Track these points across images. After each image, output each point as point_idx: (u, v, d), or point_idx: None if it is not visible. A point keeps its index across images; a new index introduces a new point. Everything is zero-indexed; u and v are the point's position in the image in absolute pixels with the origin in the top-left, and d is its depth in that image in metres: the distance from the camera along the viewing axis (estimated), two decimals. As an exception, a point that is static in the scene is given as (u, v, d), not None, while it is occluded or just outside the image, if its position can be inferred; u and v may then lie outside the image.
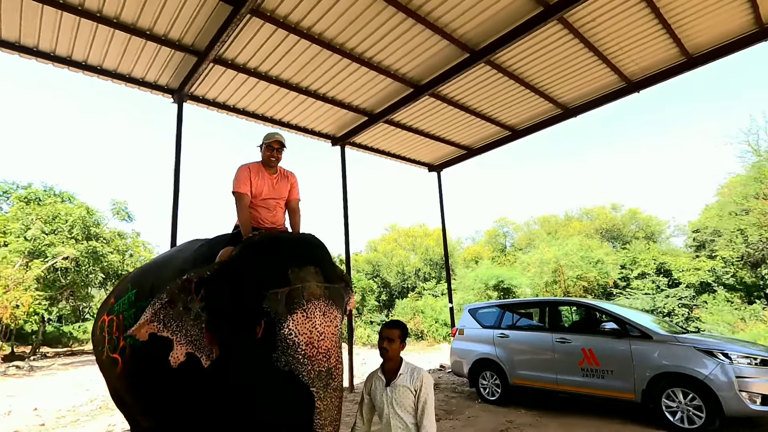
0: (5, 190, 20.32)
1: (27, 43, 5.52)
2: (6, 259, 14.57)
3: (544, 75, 7.17)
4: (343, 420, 2.13)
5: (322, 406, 1.84)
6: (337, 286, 2.16)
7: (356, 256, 32.18)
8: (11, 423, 7.24)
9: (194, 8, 5.19)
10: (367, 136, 8.97)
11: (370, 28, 5.76)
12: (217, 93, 7.02)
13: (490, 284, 16.89)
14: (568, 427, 5.00)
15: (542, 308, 6.41)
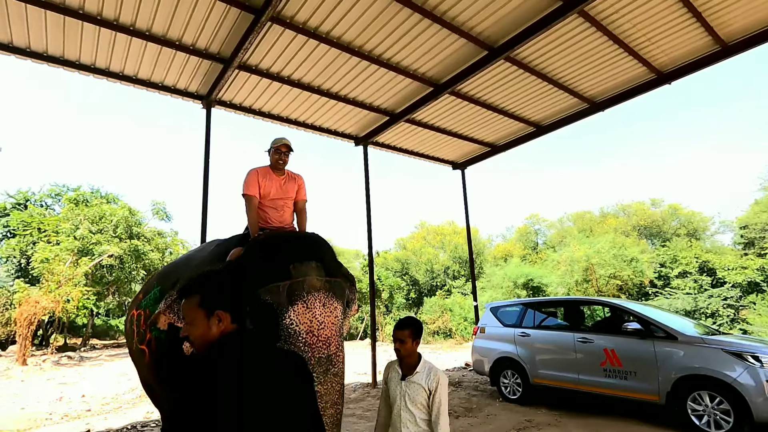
0: (57, 192, 21.84)
1: (70, 57, 5.96)
2: (58, 257, 15.67)
3: (567, 70, 7.02)
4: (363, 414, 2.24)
5: (323, 390, 1.96)
6: (338, 279, 2.28)
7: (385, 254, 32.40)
8: (62, 408, 7.86)
9: (218, 18, 5.44)
10: (390, 135, 9.06)
11: (387, 29, 5.84)
12: (243, 98, 7.30)
13: (518, 282, 16.62)
14: (590, 428, 4.92)
15: (564, 307, 6.31)
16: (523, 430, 4.98)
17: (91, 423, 6.53)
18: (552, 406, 5.90)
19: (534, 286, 16.57)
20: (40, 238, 17.34)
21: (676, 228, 23.44)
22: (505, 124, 8.95)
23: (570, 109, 8.42)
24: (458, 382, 8.03)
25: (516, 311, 6.75)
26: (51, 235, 17.05)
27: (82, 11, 5.18)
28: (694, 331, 5.06)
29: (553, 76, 7.19)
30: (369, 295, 9.09)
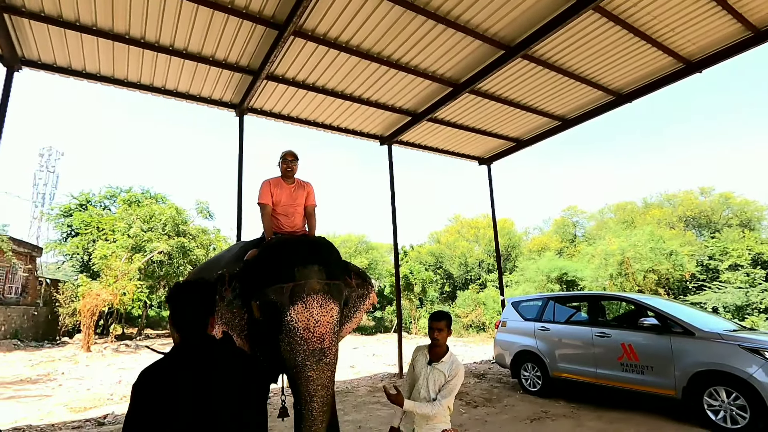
0: (113, 194, 23.63)
1: (119, 76, 6.63)
2: (115, 253, 17.09)
3: (588, 64, 6.98)
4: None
5: (314, 376, 2.29)
6: (337, 282, 2.60)
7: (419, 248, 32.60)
8: (121, 390, 8.76)
9: (246, 35, 5.90)
10: (413, 134, 9.30)
11: (403, 36, 6.09)
12: (272, 105, 7.79)
13: (552, 276, 16.38)
14: (606, 420, 5.03)
15: (583, 302, 6.36)
16: (537, 420, 5.16)
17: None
18: (571, 398, 6.01)
19: (568, 280, 16.26)
20: (99, 237, 18.93)
21: (728, 218, 22.08)
22: (528, 119, 8.95)
23: (595, 102, 8.32)
24: (483, 375, 8.23)
25: (536, 306, 6.86)
26: (108, 233, 18.59)
27: (128, 36, 5.78)
28: (715, 326, 5.02)
29: (574, 70, 7.17)
30: (395, 291, 9.41)
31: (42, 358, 14.08)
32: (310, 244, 2.74)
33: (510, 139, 9.96)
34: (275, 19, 5.60)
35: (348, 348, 15.40)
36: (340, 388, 7.57)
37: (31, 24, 5.40)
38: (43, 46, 5.85)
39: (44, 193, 54.85)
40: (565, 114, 8.85)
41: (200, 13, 5.41)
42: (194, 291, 1.67)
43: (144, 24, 5.57)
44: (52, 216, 23.72)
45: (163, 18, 5.47)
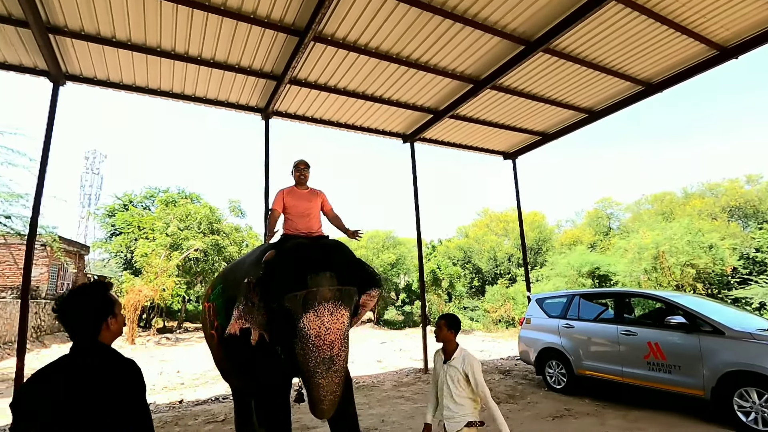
0: (152, 194, 24.81)
1: (152, 86, 7.01)
2: (154, 251, 18.02)
3: (613, 55, 6.79)
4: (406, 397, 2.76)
5: (324, 383, 2.46)
6: (348, 288, 2.74)
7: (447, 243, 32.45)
8: (162, 380, 9.33)
9: (269, 43, 6.10)
10: (436, 131, 9.32)
11: (421, 36, 6.13)
12: (296, 108, 8.01)
13: (583, 271, 15.98)
14: (631, 419, 4.96)
15: (608, 299, 6.26)
16: (560, 417, 5.15)
17: (183, 394, 7.75)
18: (596, 397, 5.94)
19: (601, 275, 15.82)
20: (140, 236, 19.98)
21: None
22: (553, 112, 8.79)
23: (623, 93, 8.08)
24: (508, 371, 8.23)
25: (561, 303, 6.79)
26: (148, 232, 19.60)
27: (159, 48, 6.11)
28: (748, 325, 4.84)
29: (599, 62, 6.99)
30: (419, 287, 9.50)
31: (92, 349, 15.07)
32: (322, 249, 2.89)
33: (535, 133, 9.81)
34: (296, 26, 5.78)
35: (376, 342, 15.65)
36: (366, 382, 7.78)
37: (73, 42, 5.81)
38: (84, 62, 6.28)
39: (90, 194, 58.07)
40: (592, 106, 8.63)
41: (225, 25, 5.66)
42: (82, 295, 1.58)
43: (174, 37, 5.87)
44: (97, 216, 25.19)
45: (191, 30, 5.75)
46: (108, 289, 1.65)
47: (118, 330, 1.65)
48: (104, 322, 1.57)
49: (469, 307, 25.34)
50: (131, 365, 1.56)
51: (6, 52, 5.98)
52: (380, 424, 5.18)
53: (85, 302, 1.56)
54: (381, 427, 5.06)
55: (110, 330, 1.60)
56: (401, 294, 27.01)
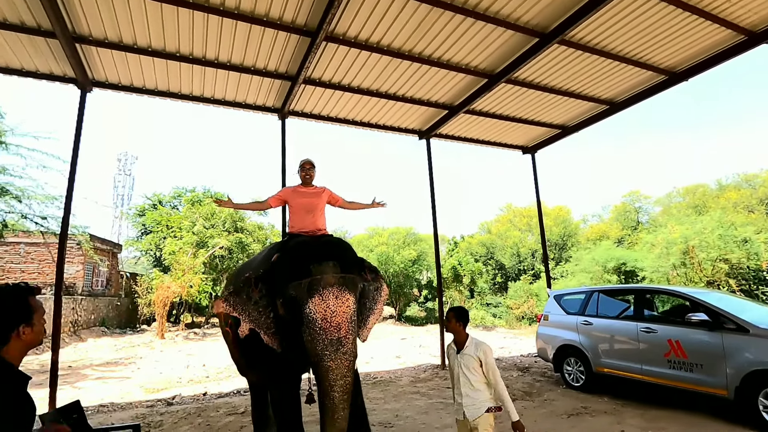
0: (179, 194, 25.61)
1: (173, 90, 7.25)
2: (182, 249, 18.63)
3: (633, 44, 6.59)
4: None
5: (333, 365, 2.50)
6: (351, 276, 2.80)
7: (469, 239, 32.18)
8: (188, 374, 9.69)
9: (282, 44, 6.22)
10: (451, 126, 9.27)
11: (432, 32, 6.11)
12: (311, 107, 8.12)
13: (608, 267, 15.56)
14: (649, 418, 4.85)
15: (628, 296, 6.10)
16: (576, 415, 5.08)
17: (208, 387, 8.03)
18: (615, 395, 5.82)
19: (627, 270, 15.35)
20: (168, 234, 20.68)
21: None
22: (572, 105, 8.60)
23: (646, 83, 7.83)
24: (526, 368, 8.14)
25: (579, 299, 6.67)
26: (176, 231, 20.26)
27: (179, 54, 6.31)
28: (775, 323, 4.64)
29: (618, 52, 6.79)
30: (437, 283, 9.50)
31: (124, 343, 15.78)
32: (325, 244, 2.97)
33: (554, 127, 9.62)
34: (307, 27, 5.86)
35: (396, 338, 15.73)
36: (383, 377, 7.86)
37: (98, 50, 6.07)
38: (109, 69, 6.56)
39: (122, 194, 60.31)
40: (614, 97, 8.40)
41: (239, 28, 5.80)
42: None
43: (191, 42, 6.06)
44: (129, 216, 26.22)
45: (207, 35, 5.92)
46: (28, 294, 1.49)
47: (34, 340, 1.47)
48: (15, 330, 1.42)
49: (492, 304, 25.08)
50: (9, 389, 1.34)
51: (37, 62, 6.31)
52: (394, 418, 5.24)
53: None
54: (395, 421, 5.13)
55: (22, 340, 1.43)
56: (423, 290, 27.00)
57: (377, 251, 23.92)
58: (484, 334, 17.14)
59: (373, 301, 3.29)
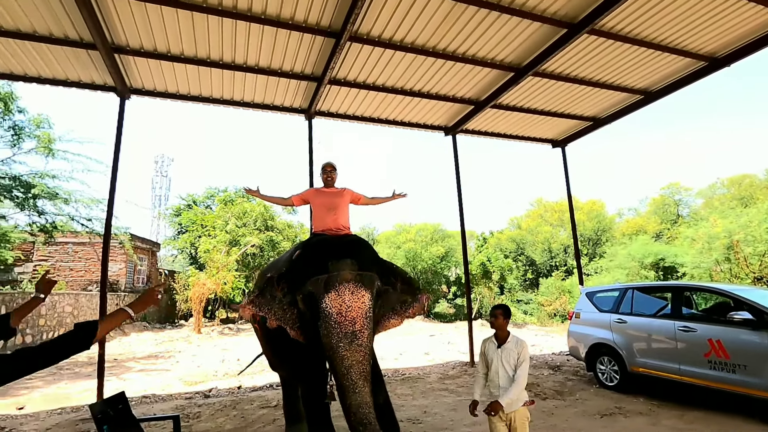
0: (212, 194, 26.47)
1: (204, 94, 7.52)
2: (216, 247, 19.27)
3: (668, 31, 6.30)
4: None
5: (348, 355, 2.56)
6: (369, 273, 2.85)
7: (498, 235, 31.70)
8: (223, 368, 10.05)
9: (307, 46, 6.32)
10: (478, 122, 9.16)
11: (456, 28, 6.06)
12: (337, 107, 8.22)
13: (646, 263, 14.96)
14: (687, 420, 4.68)
15: (665, 293, 5.88)
16: (609, 415, 4.96)
17: (242, 381, 8.32)
18: (652, 395, 5.64)
19: (666, 266, 14.71)
20: (203, 233, 21.43)
21: None
22: (604, 96, 8.32)
23: (683, 71, 7.47)
24: (558, 366, 7.99)
25: (613, 297, 6.48)
26: (210, 229, 20.98)
27: (209, 59, 6.54)
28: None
29: (653, 39, 6.52)
30: (465, 281, 9.44)
31: (164, 338, 16.52)
32: (344, 243, 3.05)
33: (585, 119, 9.33)
34: (331, 28, 5.94)
35: (425, 335, 15.74)
36: (411, 374, 7.91)
37: (135, 60, 6.38)
38: (145, 76, 6.87)
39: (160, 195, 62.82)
40: (648, 86, 8.06)
41: (266, 33, 5.94)
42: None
43: (221, 48, 6.26)
44: (166, 216, 27.33)
45: (236, 40, 6.10)
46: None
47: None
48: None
49: (523, 300, 24.67)
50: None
51: (81, 73, 6.69)
52: (422, 415, 5.28)
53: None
54: (423, 418, 5.16)
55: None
56: (452, 287, 26.84)
57: (404, 248, 23.96)
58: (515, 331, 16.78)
59: (392, 311, 3.24)
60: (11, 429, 5.26)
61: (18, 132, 10.34)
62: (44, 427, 5.26)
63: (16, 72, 6.60)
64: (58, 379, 9.03)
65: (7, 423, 5.54)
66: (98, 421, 3.28)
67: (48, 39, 5.83)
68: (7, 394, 7.73)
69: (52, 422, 5.50)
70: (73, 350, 1.69)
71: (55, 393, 7.80)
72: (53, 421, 5.54)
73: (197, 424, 5.24)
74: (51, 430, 5.17)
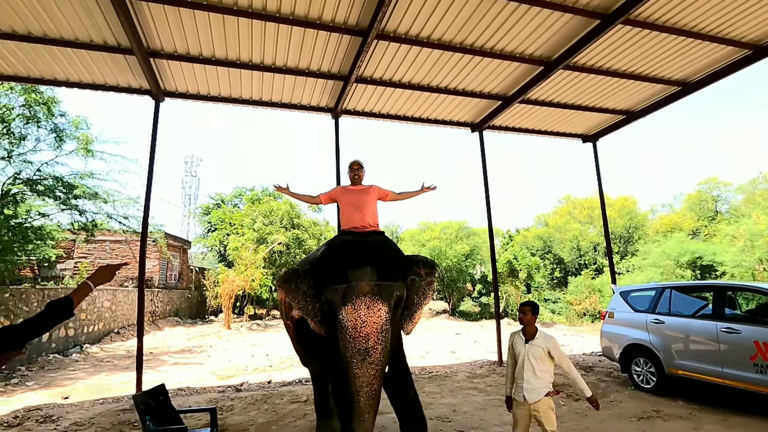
0: (240, 193, 27.07)
1: (234, 95, 7.69)
2: (244, 245, 19.70)
3: (708, 18, 6.02)
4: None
5: (359, 373, 2.60)
6: (387, 283, 2.85)
7: (525, 232, 31.17)
8: (253, 363, 10.28)
9: (334, 45, 6.37)
10: (505, 117, 9.01)
11: (484, 23, 5.97)
12: (363, 105, 8.25)
13: (681, 261, 14.38)
14: (730, 424, 4.48)
15: (706, 293, 5.64)
16: (647, 419, 4.80)
17: (272, 375, 8.49)
18: (692, 399, 5.42)
19: (703, 265, 14.09)
20: (231, 231, 21.95)
21: None
22: (638, 88, 8.03)
23: (725, 60, 7.13)
24: (590, 367, 7.79)
25: (649, 296, 6.26)
26: (238, 228, 21.46)
27: (239, 61, 6.68)
28: None
29: (692, 28, 6.24)
30: (492, 279, 9.32)
31: (196, 333, 17.04)
32: (367, 246, 3.06)
33: (618, 112, 9.04)
34: (358, 26, 5.96)
35: (450, 333, 15.65)
36: (438, 372, 7.88)
37: (169, 63, 6.58)
38: (179, 80, 7.08)
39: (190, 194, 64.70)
40: (686, 77, 7.73)
41: (294, 33, 6.02)
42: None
43: (251, 49, 6.38)
44: (196, 214, 28.14)
45: (265, 42, 6.21)
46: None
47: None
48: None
49: (551, 299, 24.17)
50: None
51: (118, 77, 6.95)
52: (452, 413, 5.25)
53: None
54: (452, 416, 5.14)
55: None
56: (477, 285, 26.57)
57: (429, 246, 23.86)
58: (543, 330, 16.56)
59: (422, 296, 3.33)
60: (58, 417, 5.55)
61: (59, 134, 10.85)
62: (88, 416, 5.52)
63: (59, 78, 6.92)
64: (99, 371, 9.46)
65: (54, 411, 5.85)
66: (141, 411, 3.43)
67: (88, 45, 6.08)
68: (53, 384, 8.15)
69: (95, 411, 5.76)
70: (59, 320, 1.91)
71: (97, 384, 8.17)
72: (96, 411, 5.81)
73: (231, 416, 5.39)
74: (95, 419, 5.42)
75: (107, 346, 13.01)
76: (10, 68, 6.62)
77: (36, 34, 5.82)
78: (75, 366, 9.97)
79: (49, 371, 9.30)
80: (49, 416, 5.56)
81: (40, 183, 10.59)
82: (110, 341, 13.63)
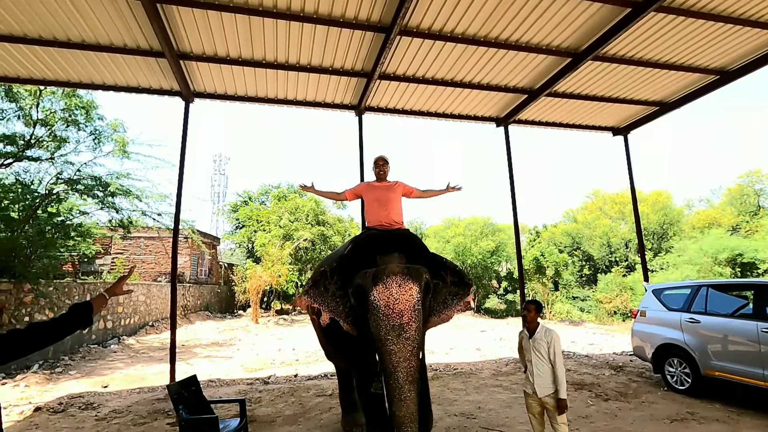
0: (266, 190, 27.60)
1: (260, 95, 7.84)
2: (270, 242, 20.11)
3: (748, 4, 5.72)
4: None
5: (395, 349, 2.58)
6: (416, 266, 2.86)
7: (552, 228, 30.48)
8: (280, 356, 10.51)
9: (357, 43, 6.40)
10: (532, 111, 8.83)
11: (509, 15, 5.86)
12: (387, 101, 8.26)
13: (720, 258, 13.74)
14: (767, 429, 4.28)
15: (746, 291, 5.38)
16: (680, 421, 4.64)
17: (298, 369, 8.66)
18: (730, 401, 5.20)
19: (744, 262, 13.41)
20: (258, 228, 22.43)
21: None
22: (672, 78, 7.71)
23: (765, 47, 6.75)
24: (620, 367, 7.57)
25: (683, 294, 6.03)
26: (265, 224, 21.92)
27: (264, 61, 6.80)
28: None
29: (731, 13, 5.95)
30: (518, 275, 9.18)
31: (225, 327, 17.53)
32: (393, 237, 3.09)
33: (651, 104, 8.71)
34: (381, 23, 5.96)
35: (475, 331, 15.51)
36: (464, 369, 7.84)
37: (198, 65, 6.77)
38: (207, 81, 7.28)
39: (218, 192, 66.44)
40: (725, 65, 7.37)
41: (318, 32, 6.08)
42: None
43: (276, 49, 6.49)
44: (224, 211, 28.89)
45: (290, 41, 6.30)
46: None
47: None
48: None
49: (579, 297, 23.56)
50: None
51: (150, 80, 7.21)
52: (477, 410, 5.23)
53: None
54: (477, 413, 5.12)
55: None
56: (503, 282, 26.20)
57: (454, 242, 23.69)
58: (570, 329, 16.20)
59: (443, 305, 3.26)
60: (98, 404, 5.85)
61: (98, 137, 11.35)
62: (126, 405, 5.79)
63: (96, 81, 7.24)
64: (135, 362, 9.88)
65: (95, 399, 6.17)
66: (175, 401, 3.58)
67: (122, 50, 6.33)
68: (94, 373, 8.58)
69: (132, 400, 6.04)
70: (77, 328, 1.83)
71: (134, 374, 8.54)
72: (133, 399, 6.09)
73: (258, 408, 5.54)
74: (132, 407, 5.69)
75: (142, 338, 13.56)
76: (52, 74, 6.97)
77: (75, 40, 6.09)
78: (113, 356, 10.46)
79: (90, 361, 9.78)
80: (90, 403, 5.87)
81: (80, 183, 11.11)
82: (145, 333, 14.21)
